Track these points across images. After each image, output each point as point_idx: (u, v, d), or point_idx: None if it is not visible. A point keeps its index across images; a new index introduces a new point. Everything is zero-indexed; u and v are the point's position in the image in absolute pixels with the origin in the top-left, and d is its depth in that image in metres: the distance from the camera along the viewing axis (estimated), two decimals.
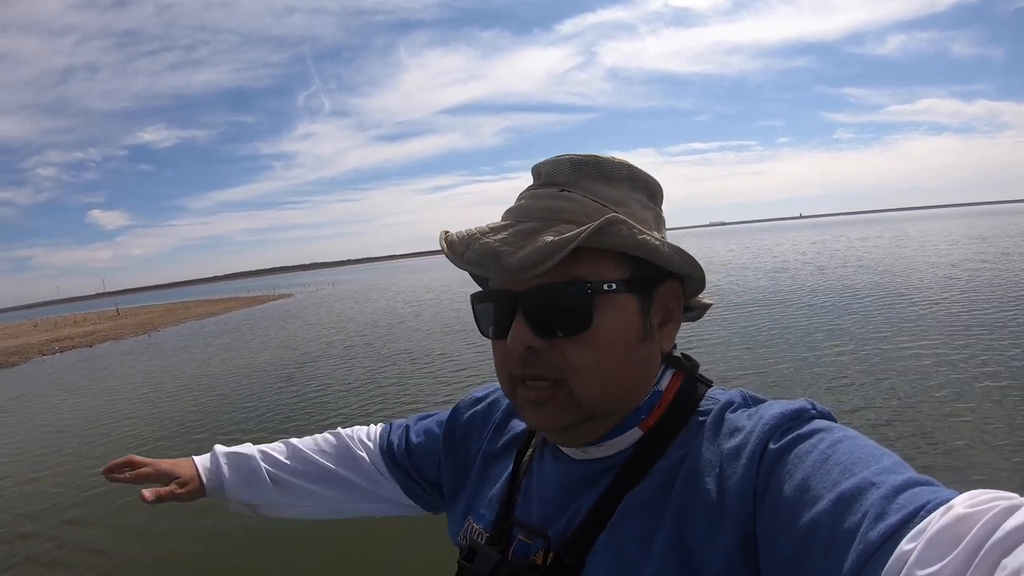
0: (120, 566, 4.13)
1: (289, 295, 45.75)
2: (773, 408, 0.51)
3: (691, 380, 0.59)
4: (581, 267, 0.53)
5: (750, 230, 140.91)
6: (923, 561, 0.33)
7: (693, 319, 0.66)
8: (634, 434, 0.57)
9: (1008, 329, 7.86)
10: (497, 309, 0.56)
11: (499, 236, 0.53)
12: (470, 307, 0.61)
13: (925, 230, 44.64)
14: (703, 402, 0.57)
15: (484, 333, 0.59)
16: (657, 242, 0.53)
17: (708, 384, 0.60)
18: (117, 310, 51.39)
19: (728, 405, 0.55)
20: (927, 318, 9.14)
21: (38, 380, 15.03)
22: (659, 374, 0.59)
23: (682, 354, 0.62)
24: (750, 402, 0.55)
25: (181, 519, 4.48)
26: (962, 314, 9.15)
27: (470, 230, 0.56)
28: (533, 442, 0.68)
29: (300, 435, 0.94)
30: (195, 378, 11.64)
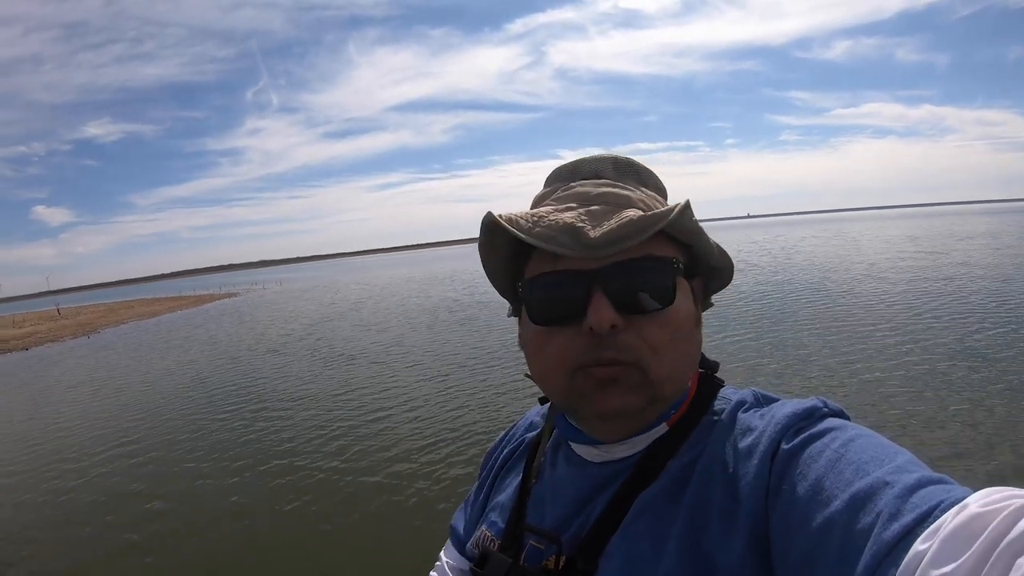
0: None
1: (235, 294, 45.81)
2: (785, 407, 0.51)
3: (709, 379, 0.59)
4: (654, 249, 0.53)
5: None
6: (938, 561, 0.33)
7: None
8: (660, 431, 0.56)
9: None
10: (570, 289, 0.53)
11: (571, 214, 0.52)
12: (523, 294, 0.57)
13: (863, 230, 47.17)
14: (716, 402, 0.57)
15: (541, 319, 0.55)
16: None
17: (720, 383, 0.60)
18: (58, 310, 50.17)
19: (740, 404, 0.55)
20: (849, 310, 10.50)
21: None
22: None
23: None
24: (762, 401, 0.55)
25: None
26: (873, 307, 10.58)
27: (528, 212, 0.55)
28: (543, 448, 0.68)
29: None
30: (125, 383, 11.58)
